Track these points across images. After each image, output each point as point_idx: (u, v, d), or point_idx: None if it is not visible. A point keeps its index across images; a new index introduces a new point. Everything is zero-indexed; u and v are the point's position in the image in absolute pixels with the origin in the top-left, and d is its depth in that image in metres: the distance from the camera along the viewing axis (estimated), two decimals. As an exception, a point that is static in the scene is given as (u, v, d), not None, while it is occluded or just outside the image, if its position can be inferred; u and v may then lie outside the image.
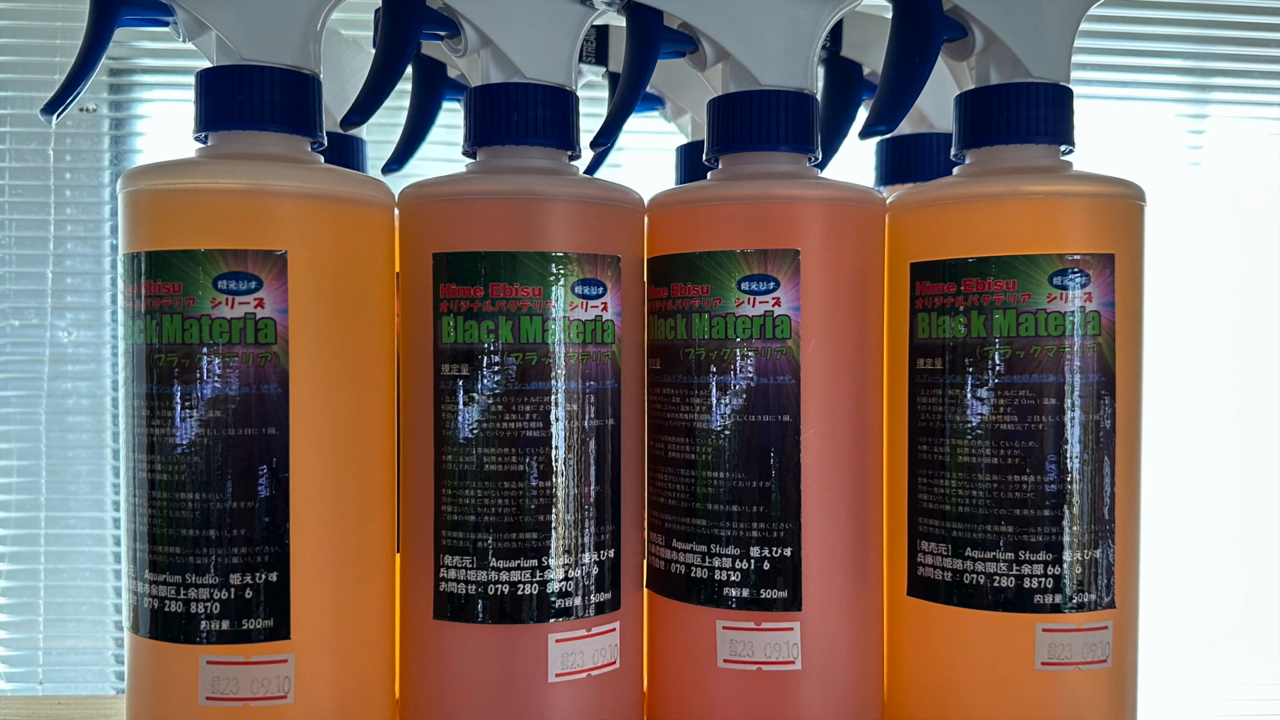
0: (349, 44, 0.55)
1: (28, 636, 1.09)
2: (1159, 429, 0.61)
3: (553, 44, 0.43)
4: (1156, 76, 1.19)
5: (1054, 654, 0.42)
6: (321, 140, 0.42)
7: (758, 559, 0.43)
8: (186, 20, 0.41)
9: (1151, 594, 0.46)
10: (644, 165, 1.07)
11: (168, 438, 0.39)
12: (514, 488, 0.41)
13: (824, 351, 0.43)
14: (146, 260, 0.39)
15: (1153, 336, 0.44)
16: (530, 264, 0.41)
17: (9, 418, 1.08)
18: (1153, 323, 0.44)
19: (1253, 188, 1.20)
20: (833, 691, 0.44)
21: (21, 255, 1.07)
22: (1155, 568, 0.49)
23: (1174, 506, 1.18)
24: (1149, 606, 0.45)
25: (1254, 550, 1.21)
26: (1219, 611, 1.21)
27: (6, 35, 1.07)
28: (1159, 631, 0.92)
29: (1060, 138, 0.44)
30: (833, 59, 0.55)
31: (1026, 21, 0.43)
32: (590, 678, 0.42)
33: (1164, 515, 1.15)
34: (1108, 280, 0.42)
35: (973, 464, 0.43)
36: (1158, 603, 0.64)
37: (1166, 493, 1.16)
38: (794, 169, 0.45)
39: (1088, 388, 0.42)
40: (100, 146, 1.09)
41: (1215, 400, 1.20)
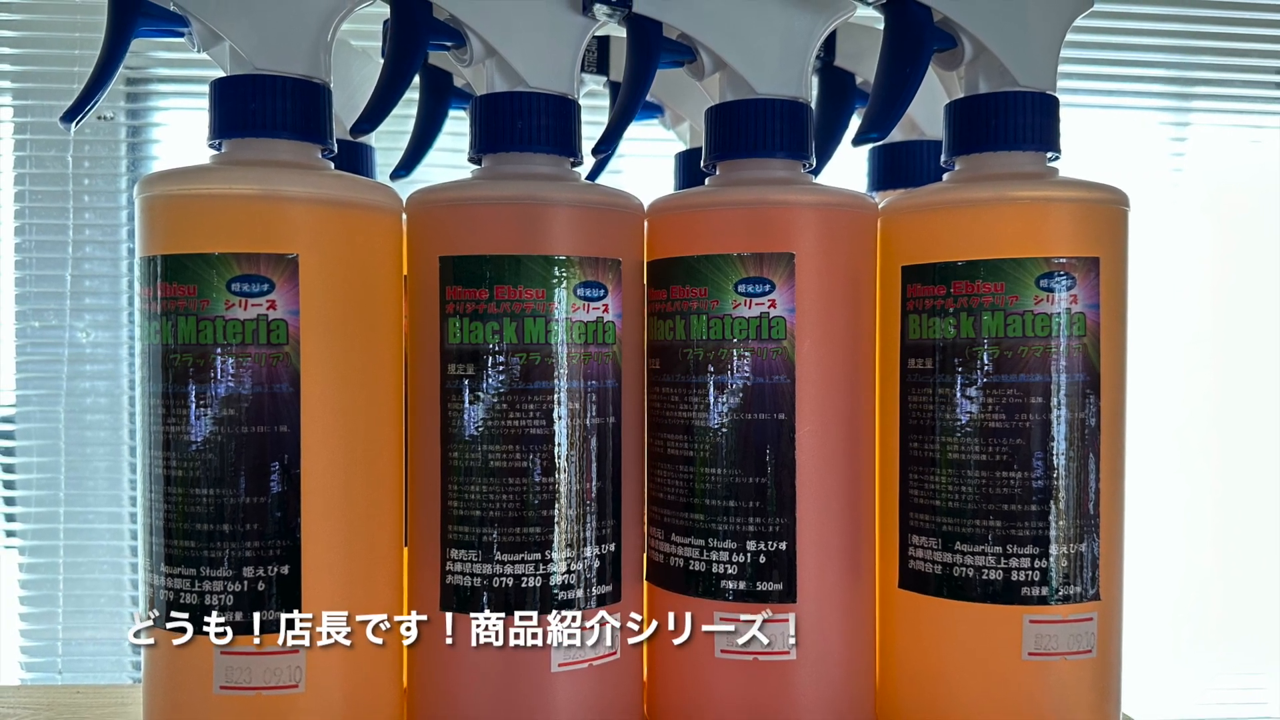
0: (358, 54, 0.55)
1: (47, 628, 1.08)
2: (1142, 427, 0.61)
3: (555, 54, 0.43)
4: (1140, 86, 1.19)
5: (1040, 644, 0.42)
6: (332, 147, 0.42)
7: (754, 553, 0.43)
8: (201, 31, 0.41)
9: (1135, 587, 0.46)
10: (644, 171, 1.07)
11: (183, 435, 0.39)
12: (518, 483, 0.41)
13: (818, 352, 0.43)
14: (162, 263, 0.39)
15: (1136, 337, 0.44)
16: (534, 267, 0.41)
17: (30, 415, 1.08)
18: (1136, 324, 0.44)
19: (1232, 194, 1.20)
20: (826, 681, 0.44)
21: (41, 258, 1.07)
22: (1138, 561, 0.49)
23: (1157, 502, 1.18)
24: (1132, 599, 0.45)
25: (1233, 545, 1.21)
26: (1200, 603, 1.21)
27: (27, 46, 1.07)
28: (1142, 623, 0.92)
29: (1047, 145, 0.44)
30: (826, 69, 0.54)
31: (1014, 32, 0.43)
32: (592, 667, 0.42)
33: (1147, 510, 1.15)
34: (1092, 283, 0.42)
35: (962, 461, 0.42)
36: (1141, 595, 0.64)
37: (1149, 489, 1.16)
38: (789, 175, 0.45)
39: (1073, 387, 0.42)
40: (117, 153, 1.09)
41: (1196, 399, 1.20)
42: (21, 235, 1.07)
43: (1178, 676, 1.21)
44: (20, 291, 1.07)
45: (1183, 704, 1.22)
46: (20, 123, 1.08)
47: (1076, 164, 0.46)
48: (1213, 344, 1.20)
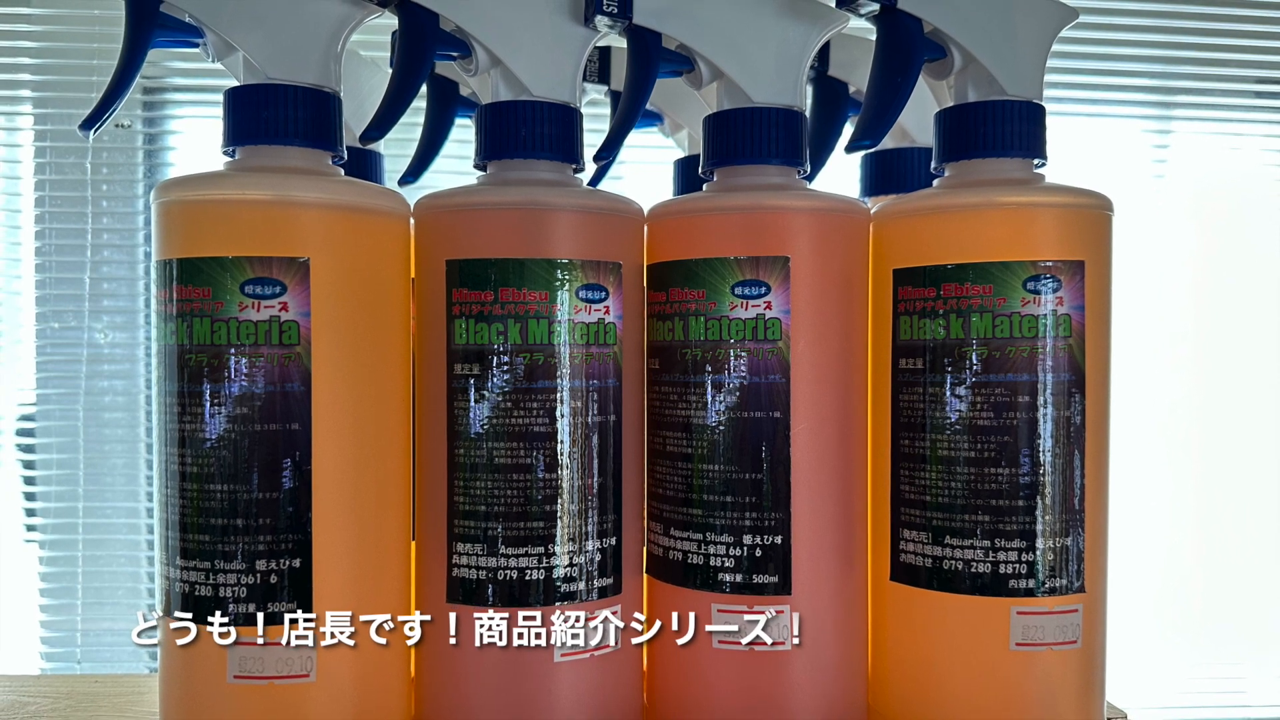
0: (368, 64, 0.55)
1: (67, 619, 1.08)
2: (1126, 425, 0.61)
3: (558, 64, 0.43)
4: (1123, 95, 1.19)
5: (1027, 635, 0.42)
6: (342, 154, 0.42)
7: (750, 546, 0.43)
8: (216, 42, 0.41)
9: (1119, 579, 0.46)
10: (644, 177, 1.07)
11: (198, 433, 0.39)
12: (522, 479, 0.41)
13: (812, 352, 0.43)
14: (178, 266, 0.39)
15: (1119, 338, 0.44)
16: (537, 270, 0.41)
17: (50, 414, 1.08)
18: (1119, 325, 0.44)
19: (1213, 199, 1.20)
20: (820, 670, 0.44)
21: (61, 262, 1.07)
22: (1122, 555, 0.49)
23: (1140, 497, 1.18)
24: (1116, 591, 0.45)
25: (1214, 539, 1.21)
26: (1181, 595, 1.21)
27: (47, 56, 1.07)
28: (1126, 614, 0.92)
29: (1033, 152, 0.44)
30: (820, 78, 0.54)
31: (1002, 43, 0.43)
32: (594, 657, 0.42)
33: (1131, 505, 1.15)
34: (1078, 285, 0.42)
35: (951, 457, 0.42)
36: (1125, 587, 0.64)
37: (1133, 484, 1.16)
38: (784, 181, 0.45)
39: (1059, 386, 0.42)
40: (135, 160, 1.09)
41: (1178, 397, 1.20)
42: (42, 239, 1.07)
43: (1160, 666, 1.21)
44: (41, 294, 1.07)
45: (1165, 692, 1.22)
46: (41, 130, 1.08)
47: (1062, 170, 0.46)
48: (1194, 344, 1.20)
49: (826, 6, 0.45)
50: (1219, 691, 1.23)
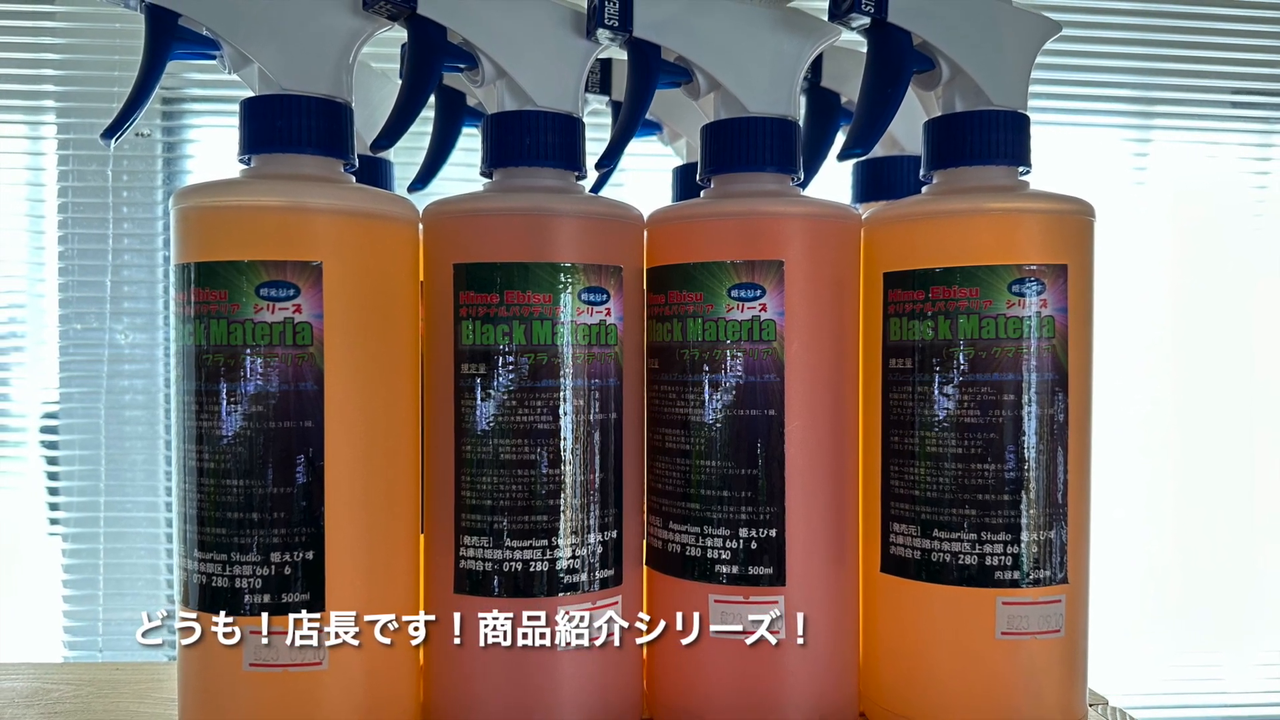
0: (378, 75, 0.55)
1: (89, 609, 1.09)
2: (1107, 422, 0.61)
3: (561, 75, 0.43)
4: (1105, 105, 1.19)
5: (1013, 625, 0.42)
6: (353, 162, 0.42)
7: (746, 539, 0.43)
8: (232, 54, 0.41)
9: (1100, 571, 0.46)
10: (644, 185, 1.07)
11: (215, 430, 0.39)
12: (526, 475, 0.41)
13: (806, 352, 0.43)
14: (196, 270, 0.39)
15: (1101, 339, 0.44)
16: (541, 273, 0.41)
17: (72, 412, 1.08)
18: (1101, 326, 0.44)
19: (1191, 204, 1.20)
20: (813, 659, 0.44)
21: (83, 265, 1.07)
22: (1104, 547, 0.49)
23: (1121, 492, 1.18)
24: (1098, 582, 0.45)
25: (1192, 532, 1.21)
26: (1161, 586, 1.21)
27: (69, 68, 1.07)
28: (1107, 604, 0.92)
29: (1018, 159, 0.44)
30: (813, 89, 0.54)
31: (988, 55, 0.43)
32: (595, 646, 0.42)
33: (1112, 500, 1.15)
34: (1061, 288, 0.42)
35: (939, 454, 0.42)
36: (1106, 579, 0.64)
37: (1114, 479, 1.16)
38: (779, 188, 0.45)
39: (1043, 385, 0.42)
40: (154, 168, 1.09)
41: (1158, 396, 1.20)
42: (64, 244, 1.07)
43: (1141, 655, 1.21)
44: (64, 296, 1.08)
45: (1145, 680, 1.22)
46: (64, 139, 1.08)
47: (1046, 177, 0.46)
48: (1173, 344, 1.20)
49: (820, 20, 0.45)
50: (1197, 679, 1.23)
